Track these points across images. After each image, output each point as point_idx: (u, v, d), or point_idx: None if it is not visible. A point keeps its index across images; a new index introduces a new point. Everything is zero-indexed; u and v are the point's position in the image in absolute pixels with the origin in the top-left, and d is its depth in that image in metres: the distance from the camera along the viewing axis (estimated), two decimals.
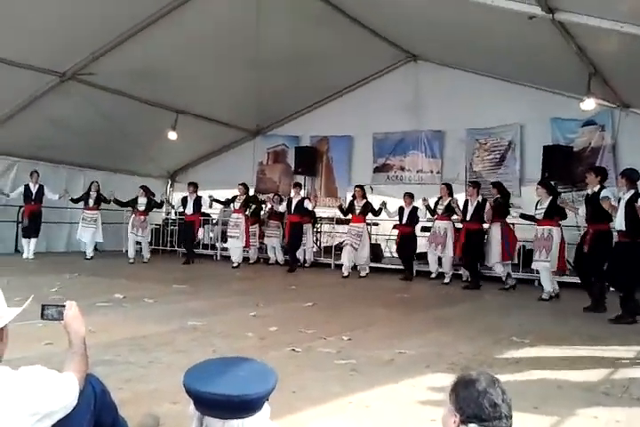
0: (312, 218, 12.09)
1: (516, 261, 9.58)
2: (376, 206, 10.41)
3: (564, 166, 10.19)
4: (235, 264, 11.42)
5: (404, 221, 10.23)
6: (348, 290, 8.93)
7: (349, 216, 10.80)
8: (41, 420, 1.85)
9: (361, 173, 12.95)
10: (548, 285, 8.08)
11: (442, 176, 12.17)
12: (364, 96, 12.92)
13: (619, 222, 6.43)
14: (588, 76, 8.67)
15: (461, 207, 9.42)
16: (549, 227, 8.02)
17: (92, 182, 11.94)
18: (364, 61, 11.95)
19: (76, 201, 11.87)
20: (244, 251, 11.80)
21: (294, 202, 11.19)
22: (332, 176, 13.71)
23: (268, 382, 1.67)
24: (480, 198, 9.23)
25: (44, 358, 3.65)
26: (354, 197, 10.71)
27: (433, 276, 10.21)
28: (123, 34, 9.31)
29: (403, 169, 12.84)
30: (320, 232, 13.26)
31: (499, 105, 11.21)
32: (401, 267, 10.50)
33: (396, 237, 10.81)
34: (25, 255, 11.30)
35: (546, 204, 8.04)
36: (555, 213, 7.97)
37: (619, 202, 6.48)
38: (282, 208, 11.50)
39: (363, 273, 10.57)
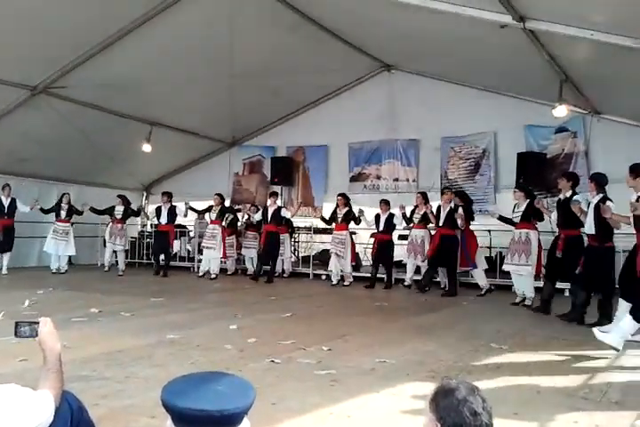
0: (290, 228, 12.07)
1: (486, 267, 9.61)
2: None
3: (537, 173, 10.33)
4: (200, 274, 11.40)
5: (381, 228, 10.23)
6: (327, 300, 8.90)
7: (332, 225, 10.81)
8: None
9: (337, 183, 12.98)
10: (529, 290, 8.10)
11: (418, 184, 12.26)
12: (340, 106, 12.99)
13: (588, 226, 6.51)
14: (560, 83, 8.81)
15: (434, 213, 9.48)
16: (527, 230, 8.06)
17: (64, 194, 11.79)
18: (338, 71, 11.99)
19: (46, 212, 11.63)
20: (220, 262, 11.73)
21: (270, 211, 11.08)
22: (309, 186, 13.72)
23: (247, 396, 1.65)
24: (453, 204, 9.25)
25: (19, 374, 3.59)
26: (337, 205, 10.70)
27: (406, 283, 10.11)
28: (94, 47, 9.23)
29: (379, 178, 12.91)
30: (298, 242, 13.23)
31: (473, 113, 11.35)
32: (381, 276, 10.37)
33: (372, 245, 10.78)
34: (4, 271, 11.06)
35: (523, 207, 8.08)
36: (532, 216, 8.03)
37: (588, 206, 6.58)
38: (257, 216, 11.41)
39: (346, 282, 10.59)
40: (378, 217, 10.32)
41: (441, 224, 9.29)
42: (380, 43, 10.83)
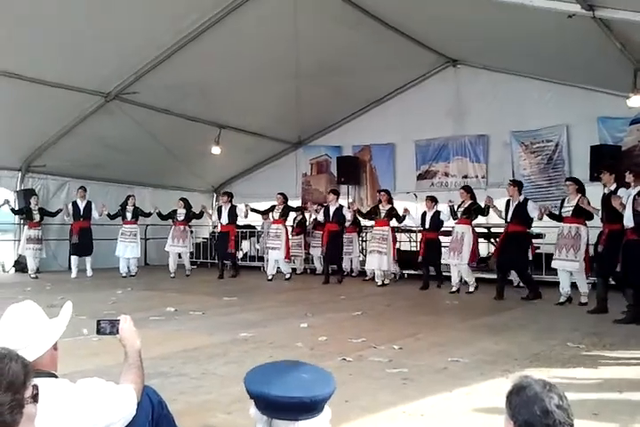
0: (357, 227, 12.03)
1: None
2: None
3: (612, 166, 9.91)
4: (269, 277, 11.16)
5: (427, 226, 9.88)
6: (395, 298, 8.81)
7: (372, 222, 10.71)
8: None
9: (405, 181, 12.92)
10: (583, 286, 7.79)
11: (487, 181, 12.06)
12: (405, 103, 12.89)
13: (627, 219, 6.26)
14: (634, 72, 8.48)
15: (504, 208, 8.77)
16: (577, 225, 7.70)
17: (129, 196, 11.89)
18: (402, 68, 11.91)
19: (113, 217, 11.70)
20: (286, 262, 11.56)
21: (332, 210, 10.87)
22: (377, 184, 13.67)
23: (329, 383, 1.68)
24: (522, 198, 8.51)
25: (102, 371, 3.73)
26: (379, 201, 10.55)
27: (454, 290, 9.22)
28: (164, 52, 9.54)
29: (447, 175, 12.75)
30: (365, 241, 13.18)
31: (543, 106, 11.08)
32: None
33: (419, 244, 10.49)
34: (74, 275, 11.17)
35: (574, 201, 7.71)
36: (583, 214, 7.65)
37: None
38: (319, 217, 11.26)
39: (386, 280, 10.34)
40: (424, 215, 9.96)
41: (509, 220, 8.52)
42: (444, 37, 10.71)
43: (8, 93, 9.47)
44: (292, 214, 12.08)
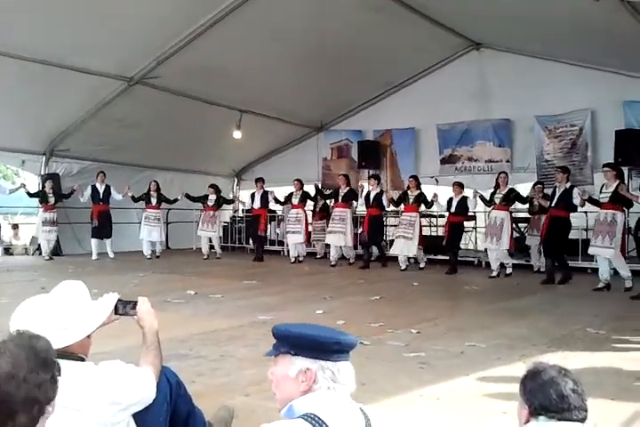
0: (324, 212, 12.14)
1: None
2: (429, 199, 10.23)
3: (637, 151, 9.77)
4: (292, 260, 11.48)
5: (452, 210, 9.92)
6: (414, 283, 8.81)
7: (402, 207, 10.72)
8: (121, 411, 1.95)
9: (428, 165, 12.79)
10: (625, 269, 7.69)
11: (512, 165, 11.92)
12: (427, 87, 12.71)
13: None
14: None
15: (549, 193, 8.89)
16: (613, 211, 7.64)
17: (151, 182, 12.09)
18: (425, 51, 11.75)
19: (136, 200, 11.96)
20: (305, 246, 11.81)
21: (372, 195, 10.80)
22: (398, 169, 13.58)
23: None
24: (568, 185, 8.50)
25: (122, 352, 3.79)
26: (408, 187, 10.58)
27: (494, 274, 9.25)
28: (186, 37, 9.49)
29: (471, 159, 12.61)
30: (385, 226, 13.12)
31: (567, 90, 10.86)
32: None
33: (444, 228, 10.52)
34: (94, 257, 11.37)
35: (612, 187, 7.65)
36: (621, 202, 7.60)
37: None
38: (360, 201, 11.24)
39: (422, 264, 10.49)
40: (450, 200, 10.01)
41: (553, 205, 8.49)
42: (467, 20, 10.51)
43: (35, 79, 9.56)
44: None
